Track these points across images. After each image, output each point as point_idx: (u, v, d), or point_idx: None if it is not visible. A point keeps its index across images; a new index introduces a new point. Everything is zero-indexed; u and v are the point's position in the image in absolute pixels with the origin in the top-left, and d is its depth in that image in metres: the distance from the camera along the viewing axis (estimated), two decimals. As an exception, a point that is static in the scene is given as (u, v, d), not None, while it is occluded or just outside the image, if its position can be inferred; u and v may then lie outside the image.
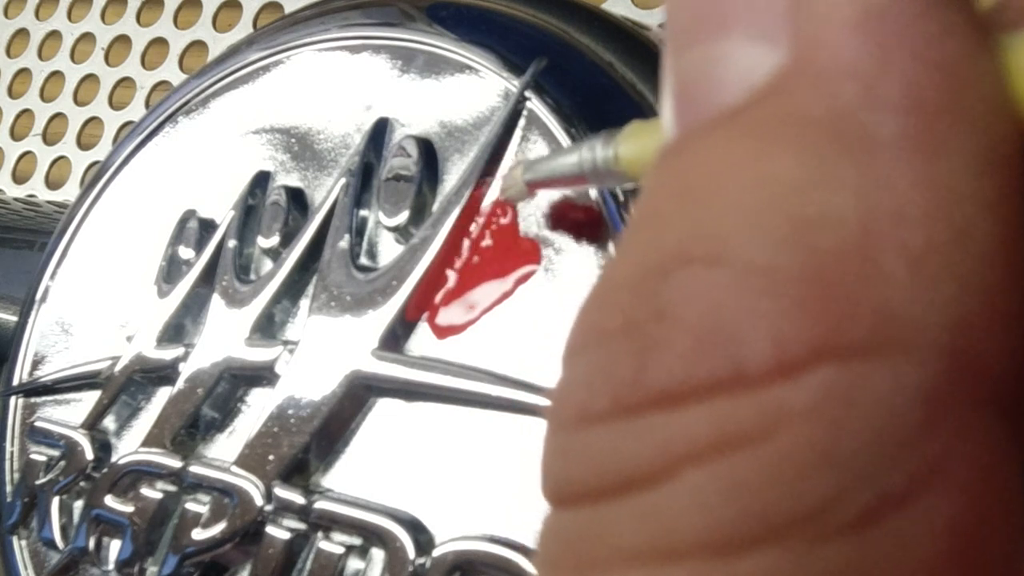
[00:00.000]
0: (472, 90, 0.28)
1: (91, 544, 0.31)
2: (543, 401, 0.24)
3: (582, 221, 0.25)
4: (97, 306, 0.35)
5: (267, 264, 0.31)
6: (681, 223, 0.09)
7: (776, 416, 0.08)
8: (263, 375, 0.29)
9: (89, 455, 0.32)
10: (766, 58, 0.09)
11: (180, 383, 0.31)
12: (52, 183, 0.53)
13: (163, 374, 0.32)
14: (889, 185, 0.08)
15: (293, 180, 0.31)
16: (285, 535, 0.26)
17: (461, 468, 0.25)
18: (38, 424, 0.34)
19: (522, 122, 0.27)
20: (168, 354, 0.32)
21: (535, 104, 0.26)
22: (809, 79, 0.08)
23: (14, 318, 0.38)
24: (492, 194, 0.26)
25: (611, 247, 0.24)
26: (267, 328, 0.30)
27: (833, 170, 0.08)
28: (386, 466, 0.26)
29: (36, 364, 0.36)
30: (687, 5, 0.09)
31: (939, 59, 0.08)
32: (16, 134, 0.56)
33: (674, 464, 0.09)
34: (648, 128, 0.18)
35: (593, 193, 0.25)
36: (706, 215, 0.09)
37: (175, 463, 0.30)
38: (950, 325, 0.08)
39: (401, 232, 0.28)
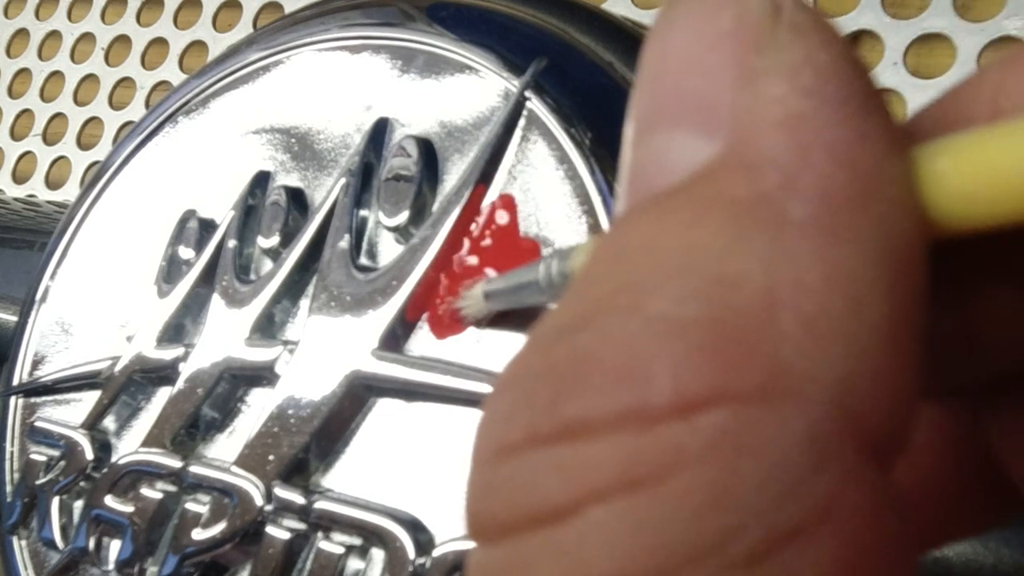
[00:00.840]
0: (472, 90, 0.28)
1: (91, 544, 0.31)
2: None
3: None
4: (97, 306, 0.35)
5: (267, 264, 0.31)
6: (609, 278, 0.10)
7: (675, 455, 0.09)
8: (263, 375, 0.29)
9: (89, 455, 0.32)
10: (705, 149, 0.10)
11: (180, 383, 0.31)
12: (52, 183, 0.53)
13: (163, 374, 0.32)
14: (794, 258, 0.09)
15: (293, 180, 0.31)
16: (285, 535, 0.26)
17: (461, 468, 0.25)
18: (38, 424, 0.34)
19: (522, 122, 0.27)
20: (168, 354, 0.32)
21: (535, 104, 0.26)
22: (739, 167, 0.10)
23: (14, 318, 0.38)
24: (491, 195, 0.26)
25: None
26: (267, 328, 0.30)
27: (747, 241, 0.09)
28: (386, 466, 0.26)
29: (36, 364, 0.36)
30: (645, 103, 0.11)
31: (850, 160, 0.09)
32: (16, 134, 0.56)
33: (581, 499, 0.09)
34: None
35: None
36: (632, 272, 0.10)
37: (175, 463, 0.30)
38: (835, 380, 0.09)
39: (401, 232, 0.28)
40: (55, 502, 0.33)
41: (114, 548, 0.31)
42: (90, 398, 0.33)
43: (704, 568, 0.09)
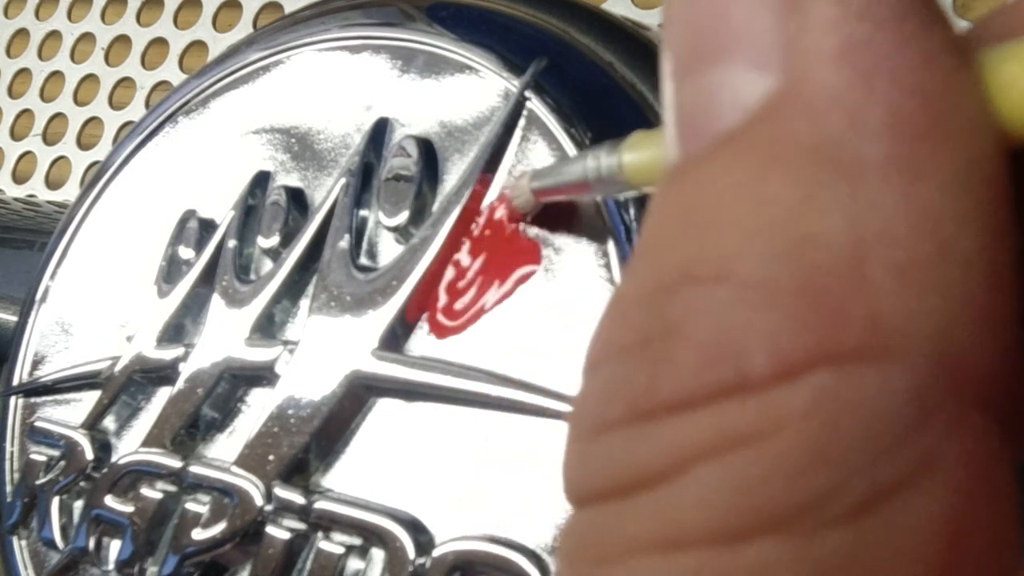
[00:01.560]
0: (472, 90, 0.28)
1: (91, 544, 0.31)
2: (543, 401, 0.24)
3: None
4: (97, 306, 0.35)
5: (267, 264, 0.31)
6: (685, 244, 0.10)
7: (775, 417, 0.09)
8: (263, 375, 0.29)
9: (89, 455, 0.32)
10: (759, 84, 0.10)
11: (180, 383, 0.31)
12: (52, 183, 0.53)
13: (163, 374, 0.32)
14: (876, 206, 0.09)
15: (293, 180, 0.31)
16: (285, 535, 0.26)
17: (461, 468, 0.25)
18: (38, 424, 0.34)
19: (522, 122, 0.27)
20: (168, 354, 0.32)
21: (535, 104, 0.26)
22: (799, 107, 0.09)
23: (14, 318, 0.38)
24: (492, 194, 0.26)
25: (611, 252, 0.24)
26: (267, 328, 0.30)
27: (824, 192, 0.09)
28: (386, 466, 0.26)
29: (36, 364, 0.36)
30: (685, 38, 0.10)
31: (919, 86, 0.09)
32: (16, 134, 0.56)
33: (682, 463, 0.09)
34: (651, 138, 0.18)
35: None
36: (708, 236, 0.10)
37: (175, 463, 0.30)
38: (934, 332, 0.09)
39: (401, 232, 0.28)
40: (55, 502, 0.33)
41: (114, 548, 0.31)
42: (90, 398, 0.33)
43: (806, 522, 0.09)
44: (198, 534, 0.28)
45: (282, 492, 0.27)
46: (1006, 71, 0.09)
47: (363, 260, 0.28)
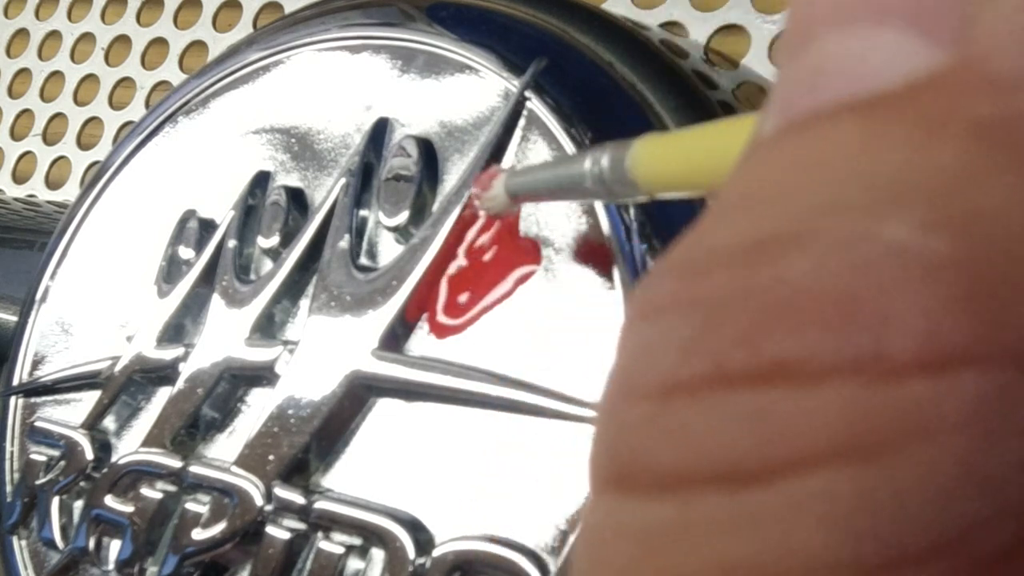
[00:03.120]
0: (472, 90, 0.28)
1: (91, 544, 0.31)
2: (543, 401, 0.24)
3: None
4: (97, 306, 0.35)
5: (267, 264, 0.31)
6: (808, 193, 0.08)
7: (920, 420, 0.07)
8: (263, 375, 0.29)
9: (89, 455, 0.32)
10: (925, 55, 0.08)
11: (180, 383, 0.31)
12: (52, 183, 0.53)
13: (163, 374, 0.32)
14: None
15: (293, 180, 0.31)
16: (285, 535, 0.26)
17: (461, 468, 0.25)
18: (38, 424, 0.34)
19: (522, 122, 0.27)
20: (168, 354, 0.32)
21: (535, 104, 0.26)
22: (977, 83, 0.08)
23: (14, 318, 0.38)
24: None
25: (611, 252, 0.24)
26: (267, 328, 0.30)
27: (999, 169, 0.08)
28: (386, 466, 0.26)
29: (36, 364, 0.36)
30: None
31: None
32: (16, 134, 0.56)
33: (790, 460, 0.07)
34: (665, 141, 0.17)
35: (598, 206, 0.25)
36: (841, 189, 0.08)
37: (175, 463, 0.30)
38: None
39: (401, 232, 0.28)
40: (55, 502, 0.33)
41: (114, 548, 0.31)
42: (90, 398, 0.33)
43: (946, 561, 0.07)
44: (198, 534, 0.28)
45: (282, 492, 0.27)
46: None
47: (363, 260, 0.28)
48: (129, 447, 0.32)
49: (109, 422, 0.33)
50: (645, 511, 0.08)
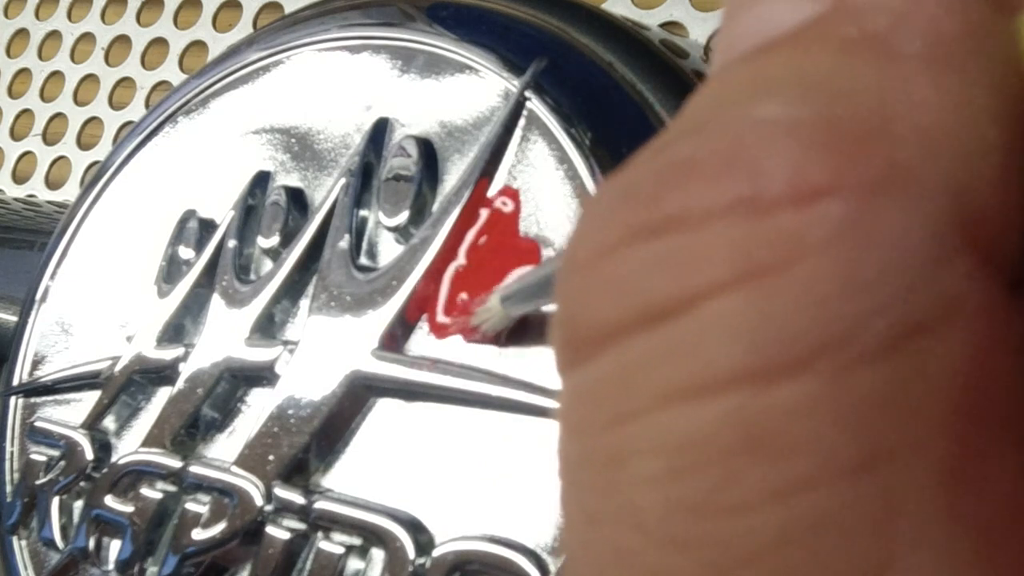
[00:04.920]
0: (472, 90, 0.28)
1: (91, 544, 0.31)
2: (543, 401, 0.24)
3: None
4: (97, 306, 0.35)
5: (267, 264, 0.31)
6: (711, 101, 0.10)
7: (796, 244, 0.09)
8: (263, 375, 0.29)
9: (89, 455, 0.32)
10: (810, 8, 0.10)
11: (180, 383, 0.31)
12: (52, 183, 0.53)
13: (163, 374, 0.32)
14: (906, 80, 0.09)
15: (293, 180, 0.31)
16: (285, 535, 0.26)
17: (461, 468, 0.25)
18: (38, 424, 0.34)
19: (522, 122, 0.27)
20: (168, 354, 0.31)
21: (535, 104, 0.26)
22: (845, 12, 0.10)
23: (14, 318, 0.38)
24: (493, 190, 0.26)
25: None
26: (267, 328, 0.30)
27: (860, 66, 0.09)
28: (386, 466, 0.26)
29: (36, 364, 0.36)
30: None
31: (961, 10, 0.09)
32: (16, 134, 0.56)
33: (697, 291, 0.09)
34: None
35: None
36: (737, 91, 0.10)
37: (175, 463, 0.30)
38: (953, 181, 0.09)
39: (401, 232, 0.28)
40: (55, 502, 0.33)
41: (114, 548, 0.31)
42: (90, 398, 0.33)
43: (837, 358, 0.08)
44: (198, 534, 0.28)
45: (282, 492, 0.27)
46: None
47: (363, 260, 0.28)
48: (129, 447, 0.32)
49: (109, 422, 0.33)
50: (590, 371, 0.10)
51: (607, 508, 0.09)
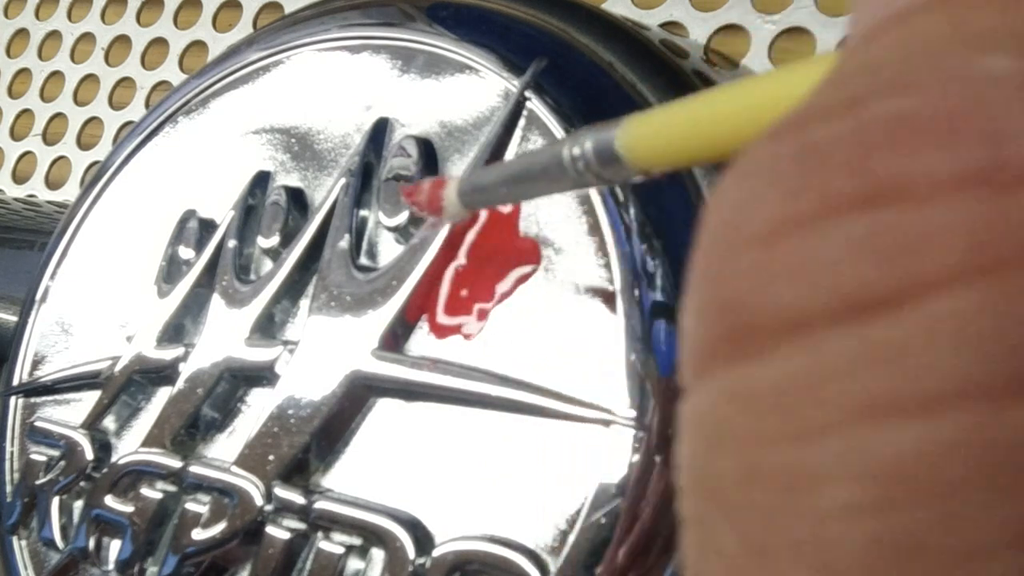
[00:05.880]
0: (472, 90, 0.28)
1: (91, 544, 0.31)
2: (543, 401, 0.24)
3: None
4: (97, 306, 0.35)
5: (267, 264, 0.31)
6: (905, 53, 0.08)
7: None
8: (263, 375, 0.29)
9: (89, 455, 0.32)
10: None
11: (180, 383, 0.31)
12: (52, 183, 0.53)
13: (163, 374, 0.32)
14: None
15: (293, 180, 0.31)
16: (285, 535, 0.26)
17: (461, 468, 0.25)
18: (38, 424, 0.34)
19: (522, 122, 0.27)
20: (168, 354, 0.31)
21: (535, 104, 0.26)
22: None
23: (14, 318, 0.38)
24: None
25: (611, 251, 0.24)
26: (267, 328, 0.30)
27: None
28: (386, 466, 0.26)
29: (36, 364, 0.36)
30: None
31: None
32: (16, 134, 0.56)
33: (921, 282, 0.07)
34: (658, 117, 0.16)
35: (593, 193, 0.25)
36: (937, 43, 0.08)
37: (175, 463, 0.30)
38: None
39: (401, 232, 0.28)
40: (55, 502, 0.33)
41: (114, 548, 0.31)
42: (90, 398, 0.33)
43: None
44: (198, 534, 0.28)
45: (282, 492, 0.27)
46: None
47: (363, 260, 0.28)
48: (129, 447, 0.32)
49: (109, 422, 0.33)
50: (765, 370, 0.08)
51: (781, 541, 0.08)
